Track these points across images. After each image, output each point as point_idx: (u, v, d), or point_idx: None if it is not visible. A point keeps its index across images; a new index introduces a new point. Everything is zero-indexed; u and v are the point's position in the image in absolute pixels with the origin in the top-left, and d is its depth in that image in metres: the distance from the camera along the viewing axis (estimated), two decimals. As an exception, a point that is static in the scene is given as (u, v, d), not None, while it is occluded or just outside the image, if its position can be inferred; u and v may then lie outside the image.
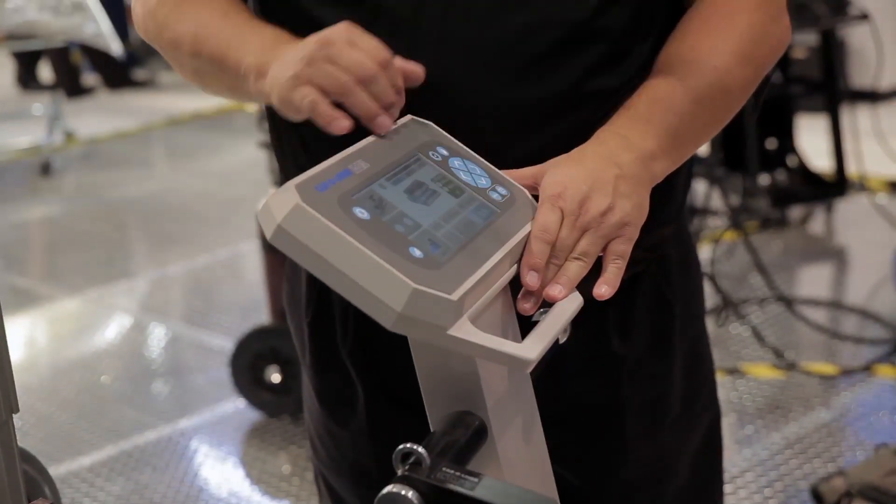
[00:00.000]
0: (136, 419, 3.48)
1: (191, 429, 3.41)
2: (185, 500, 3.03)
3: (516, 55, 1.16)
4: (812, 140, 4.94)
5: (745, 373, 3.44)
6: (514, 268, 1.04)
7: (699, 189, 4.35)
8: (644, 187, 1.10)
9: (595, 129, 1.14)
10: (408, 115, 1.12)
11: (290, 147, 1.29)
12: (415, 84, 1.11)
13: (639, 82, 1.18)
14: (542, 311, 1.03)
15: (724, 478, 1.46)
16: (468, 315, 0.96)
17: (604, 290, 1.04)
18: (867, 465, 2.73)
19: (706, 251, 4.12)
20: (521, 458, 1.06)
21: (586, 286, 1.04)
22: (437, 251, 0.97)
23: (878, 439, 2.98)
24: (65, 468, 3.21)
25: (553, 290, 1.03)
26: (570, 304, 1.03)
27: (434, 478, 0.91)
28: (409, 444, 0.92)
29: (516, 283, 1.04)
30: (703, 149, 1.28)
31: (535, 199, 1.09)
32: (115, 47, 6.27)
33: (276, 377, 3.31)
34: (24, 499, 0.94)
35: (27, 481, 1.00)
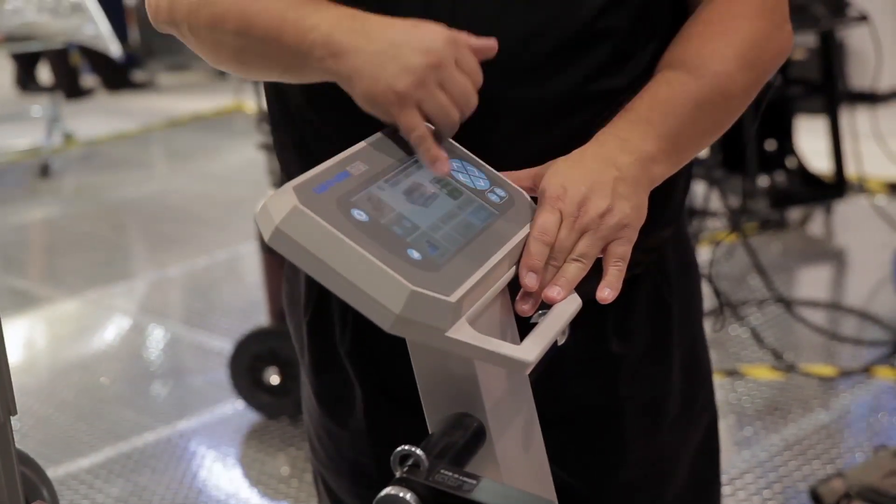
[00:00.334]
0: (135, 421, 3.48)
1: (190, 430, 3.41)
2: (183, 502, 3.02)
3: (522, 56, 1.15)
4: (811, 141, 4.94)
5: (744, 374, 3.43)
6: (513, 269, 1.04)
7: (698, 190, 4.35)
8: (643, 189, 1.10)
9: (598, 131, 1.14)
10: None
11: (290, 147, 1.29)
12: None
13: (642, 84, 1.18)
14: (540, 312, 1.03)
15: (724, 479, 1.46)
16: (466, 317, 0.95)
17: (607, 293, 1.04)
18: (866, 466, 2.73)
19: (705, 252, 4.12)
20: (519, 459, 1.06)
21: (585, 288, 1.04)
22: (435, 253, 0.96)
23: (878, 441, 2.98)
24: (63, 470, 3.20)
25: (552, 292, 1.02)
26: (569, 306, 1.03)
27: (432, 480, 0.91)
28: (407, 446, 0.92)
29: (515, 285, 1.04)
30: (702, 150, 1.28)
31: (534, 201, 1.09)
32: (114, 49, 6.27)
33: (274, 379, 3.30)
34: (22, 502, 0.94)
35: (25, 484, 1.00)
